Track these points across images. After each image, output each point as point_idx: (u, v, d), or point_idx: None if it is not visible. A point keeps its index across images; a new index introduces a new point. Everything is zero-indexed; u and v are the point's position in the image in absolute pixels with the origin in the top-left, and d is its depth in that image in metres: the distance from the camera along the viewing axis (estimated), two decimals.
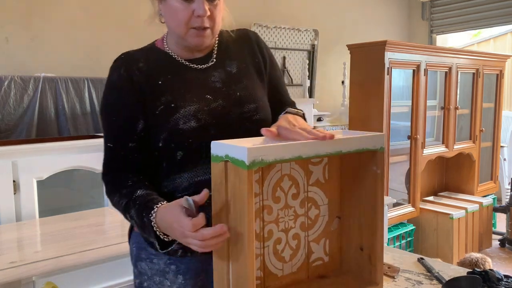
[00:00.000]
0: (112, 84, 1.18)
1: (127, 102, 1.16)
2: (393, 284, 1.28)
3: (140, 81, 1.16)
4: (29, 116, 2.62)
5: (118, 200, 1.13)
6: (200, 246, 0.94)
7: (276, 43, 4.19)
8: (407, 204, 3.67)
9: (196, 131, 1.12)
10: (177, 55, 1.21)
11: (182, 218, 0.95)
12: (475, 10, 5.19)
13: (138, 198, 1.09)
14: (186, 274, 1.19)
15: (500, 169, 4.73)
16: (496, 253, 3.98)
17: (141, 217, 1.06)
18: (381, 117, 3.28)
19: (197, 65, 1.21)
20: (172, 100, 1.14)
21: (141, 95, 1.15)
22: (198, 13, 1.11)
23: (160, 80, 1.17)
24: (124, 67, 1.17)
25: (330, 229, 1.13)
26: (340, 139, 0.97)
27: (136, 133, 1.15)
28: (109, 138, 1.18)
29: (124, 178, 1.15)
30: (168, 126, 1.13)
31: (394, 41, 3.30)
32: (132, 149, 1.16)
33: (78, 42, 3.13)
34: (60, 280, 1.66)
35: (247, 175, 0.84)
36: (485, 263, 2.78)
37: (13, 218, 2.22)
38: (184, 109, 1.13)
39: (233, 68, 1.23)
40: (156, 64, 1.19)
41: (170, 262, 1.19)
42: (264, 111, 1.22)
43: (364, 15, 5.14)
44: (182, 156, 1.14)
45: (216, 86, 1.19)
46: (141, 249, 1.22)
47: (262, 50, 1.29)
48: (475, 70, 4.08)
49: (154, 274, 1.20)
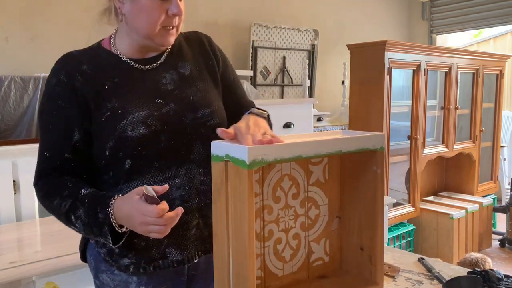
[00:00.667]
0: (50, 90, 1.11)
1: (63, 112, 1.09)
2: (393, 284, 1.28)
3: (82, 87, 1.09)
4: (29, 116, 2.61)
5: (59, 203, 1.06)
6: (160, 231, 0.96)
7: (276, 43, 4.19)
8: (407, 204, 3.67)
9: (145, 138, 1.07)
10: (125, 55, 1.14)
11: (145, 206, 0.96)
12: (475, 10, 5.19)
13: (86, 197, 1.05)
14: (148, 285, 1.13)
15: (500, 169, 4.73)
16: (496, 253, 3.98)
17: (94, 213, 1.02)
18: (381, 117, 3.28)
19: (147, 66, 1.14)
20: (118, 106, 1.08)
21: (84, 102, 1.09)
22: (173, 11, 1.08)
23: (106, 84, 1.10)
24: (65, 71, 1.10)
25: (330, 229, 1.13)
26: (340, 139, 0.97)
27: (71, 144, 1.09)
28: (45, 147, 1.12)
29: (62, 181, 1.09)
30: (116, 134, 1.06)
31: (394, 41, 3.30)
32: (68, 160, 1.10)
33: (78, 42, 3.12)
34: (60, 280, 1.66)
35: (247, 174, 0.84)
36: (485, 263, 2.78)
37: (13, 218, 2.22)
38: (132, 115, 1.07)
39: (186, 70, 1.17)
40: (101, 66, 1.12)
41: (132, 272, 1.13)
42: (219, 116, 1.17)
43: (364, 15, 5.14)
44: (130, 165, 1.08)
45: (167, 88, 1.13)
46: (99, 261, 1.16)
47: (215, 52, 1.24)
48: (475, 70, 4.08)
49: (116, 285, 1.14)
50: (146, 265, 1.11)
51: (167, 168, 1.10)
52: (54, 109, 1.10)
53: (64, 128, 1.09)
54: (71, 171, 1.10)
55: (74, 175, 1.11)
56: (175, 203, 1.09)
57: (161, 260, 1.11)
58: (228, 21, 3.99)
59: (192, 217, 1.12)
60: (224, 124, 1.17)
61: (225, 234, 0.93)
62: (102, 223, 1.02)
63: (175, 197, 1.10)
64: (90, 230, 1.05)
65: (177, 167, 1.11)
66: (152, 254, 1.11)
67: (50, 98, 1.11)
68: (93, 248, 1.18)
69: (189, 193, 1.12)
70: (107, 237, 1.03)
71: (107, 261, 1.13)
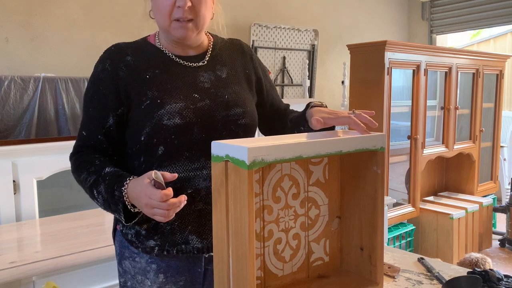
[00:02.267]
0: (96, 76, 1.20)
1: (102, 98, 1.18)
2: (393, 284, 1.28)
3: (126, 77, 1.18)
4: (29, 116, 2.61)
5: (85, 177, 1.16)
6: (163, 215, 1.03)
7: (276, 43, 4.19)
8: (407, 204, 3.67)
9: (179, 128, 1.14)
10: (168, 51, 1.23)
11: (152, 189, 1.02)
12: (475, 10, 5.19)
13: (108, 174, 1.13)
14: (167, 272, 1.20)
15: (500, 169, 4.73)
16: (496, 253, 3.98)
17: (112, 190, 1.10)
18: (381, 117, 3.28)
19: (188, 63, 1.22)
20: (158, 95, 1.16)
21: (124, 90, 1.17)
22: (178, 3, 1.14)
23: (148, 74, 1.18)
24: (110, 61, 1.19)
25: (330, 229, 1.13)
26: (340, 139, 0.97)
27: (105, 127, 1.18)
28: (84, 126, 1.22)
29: (92, 158, 1.19)
30: (153, 121, 1.14)
31: (394, 41, 3.30)
32: (101, 141, 1.19)
33: (78, 42, 3.13)
34: (60, 280, 1.66)
35: (247, 175, 0.84)
36: (485, 263, 2.78)
37: (13, 218, 2.22)
38: (170, 106, 1.14)
39: (223, 73, 1.25)
40: (144, 57, 1.21)
41: (151, 261, 1.20)
42: (250, 116, 1.25)
43: (364, 15, 5.14)
44: (163, 152, 1.15)
45: (204, 86, 1.20)
46: (124, 247, 1.23)
47: (255, 64, 1.35)
48: (475, 70, 4.08)
49: (136, 273, 1.22)
50: (170, 248, 1.18)
51: (196, 159, 1.16)
52: (95, 93, 1.20)
53: (100, 112, 1.19)
54: (102, 151, 1.20)
55: (104, 155, 1.21)
56: (200, 193, 1.17)
57: (184, 245, 1.18)
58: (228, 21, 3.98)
59: None
60: (254, 125, 1.27)
61: (225, 234, 0.93)
62: (117, 200, 1.10)
63: (201, 187, 1.17)
64: (108, 205, 1.13)
65: (205, 159, 1.17)
66: (176, 238, 1.18)
67: (93, 83, 1.21)
68: (119, 234, 1.25)
69: None
70: (121, 214, 1.11)
71: (133, 242, 1.20)
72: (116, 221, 1.27)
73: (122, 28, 3.27)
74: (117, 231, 1.28)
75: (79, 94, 2.78)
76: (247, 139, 0.99)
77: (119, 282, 1.28)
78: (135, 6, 3.35)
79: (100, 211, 2.39)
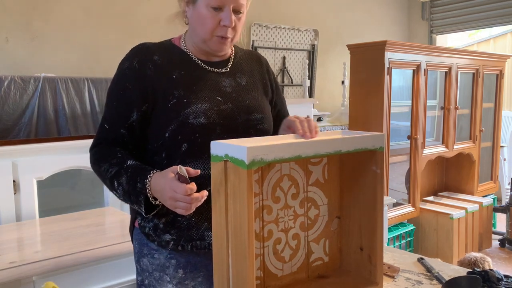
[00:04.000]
0: (122, 72, 1.24)
1: (127, 93, 1.21)
2: (393, 284, 1.28)
3: (153, 75, 1.21)
4: (29, 116, 2.61)
5: (107, 168, 1.19)
6: (186, 208, 1.06)
7: (276, 43, 4.19)
8: (407, 204, 3.67)
9: (203, 127, 1.18)
10: (194, 55, 1.28)
11: (177, 183, 1.05)
12: (475, 10, 5.19)
13: (130, 167, 1.17)
14: (186, 267, 1.23)
15: (500, 169, 4.73)
16: (496, 253, 3.98)
17: (134, 182, 1.14)
18: (381, 117, 3.27)
19: (211, 68, 1.27)
20: (184, 95, 1.20)
21: (151, 88, 1.21)
22: (224, 23, 1.19)
23: (174, 74, 1.23)
24: (138, 59, 1.23)
25: (330, 229, 1.13)
26: (339, 139, 0.97)
27: (128, 122, 1.21)
28: (106, 119, 1.25)
29: (114, 150, 1.22)
30: (179, 119, 1.18)
31: (394, 41, 3.30)
32: (123, 135, 1.22)
33: (78, 42, 3.13)
34: (60, 280, 1.66)
35: (246, 174, 0.84)
36: (485, 263, 2.78)
37: (13, 218, 2.22)
38: (196, 106, 1.19)
39: (243, 80, 1.31)
40: (171, 58, 1.25)
41: (170, 257, 1.23)
42: (268, 122, 1.31)
43: (364, 15, 5.14)
44: (186, 149, 1.19)
45: (227, 90, 1.26)
46: (143, 245, 1.26)
47: (270, 75, 1.40)
48: (475, 70, 4.08)
49: (154, 270, 1.24)
50: (185, 243, 1.21)
51: None
52: (121, 89, 1.23)
53: (125, 107, 1.22)
54: (123, 145, 1.24)
55: (125, 148, 1.24)
56: None
57: (199, 241, 1.21)
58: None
59: None
60: (270, 132, 1.31)
61: (224, 234, 0.93)
62: (139, 192, 1.13)
63: None
64: (128, 197, 1.16)
65: None
66: (192, 233, 1.21)
67: (119, 79, 1.24)
68: (137, 232, 1.28)
69: None
70: (141, 205, 1.14)
71: (150, 235, 1.23)
72: (135, 216, 1.29)
73: (122, 28, 3.27)
74: (135, 228, 1.30)
75: (79, 94, 2.78)
76: (246, 139, 0.99)
77: (136, 281, 1.31)
78: (135, 6, 3.35)
79: (100, 211, 2.39)
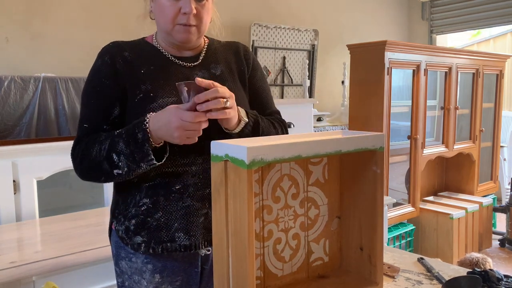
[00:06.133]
0: (96, 69, 1.22)
1: (106, 89, 1.20)
2: (393, 284, 1.28)
3: (122, 69, 1.21)
4: (29, 116, 2.61)
5: (98, 148, 1.14)
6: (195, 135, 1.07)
7: (276, 43, 4.19)
8: (407, 204, 3.67)
9: None
10: (165, 50, 1.26)
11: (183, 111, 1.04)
12: (475, 10, 5.19)
13: (122, 130, 1.13)
14: (162, 272, 1.20)
15: (500, 169, 4.73)
16: (496, 253, 3.98)
17: (134, 137, 1.09)
18: (381, 117, 3.28)
19: (183, 62, 1.26)
20: (151, 89, 1.18)
21: (122, 83, 1.20)
22: (184, 10, 1.18)
23: (143, 69, 1.22)
24: (109, 55, 1.22)
25: (330, 229, 1.13)
26: (339, 139, 0.97)
27: (111, 117, 1.20)
28: (85, 119, 1.22)
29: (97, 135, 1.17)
30: (145, 114, 1.14)
31: (394, 41, 3.30)
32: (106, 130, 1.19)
33: (78, 42, 3.13)
34: (60, 280, 1.66)
35: (247, 174, 0.84)
36: (485, 263, 2.78)
37: (13, 218, 2.22)
38: (162, 99, 1.17)
39: (217, 71, 1.28)
40: (141, 55, 1.24)
41: (146, 261, 1.20)
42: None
43: (364, 15, 5.14)
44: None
45: None
46: (120, 248, 1.24)
47: (248, 59, 1.35)
48: (475, 70, 4.08)
49: (133, 273, 1.22)
50: (155, 245, 1.18)
51: (186, 155, 1.18)
52: (98, 85, 1.21)
53: (105, 103, 1.20)
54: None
55: None
56: (188, 190, 1.18)
57: (170, 243, 1.18)
58: (228, 21, 3.98)
59: (202, 206, 1.20)
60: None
61: (224, 234, 0.93)
62: (142, 143, 1.08)
63: (190, 183, 1.19)
64: (133, 158, 1.10)
65: (195, 155, 1.19)
66: (162, 235, 1.18)
67: (95, 77, 1.22)
68: (115, 235, 1.25)
69: (203, 182, 1.20)
70: (150, 155, 1.09)
71: (123, 239, 1.21)
72: (112, 219, 1.27)
73: (122, 28, 3.26)
74: (112, 230, 1.27)
75: (79, 94, 2.77)
76: (246, 139, 0.99)
77: (117, 282, 1.28)
78: (135, 6, 3.34)
79: (100, 211, 2.39)
